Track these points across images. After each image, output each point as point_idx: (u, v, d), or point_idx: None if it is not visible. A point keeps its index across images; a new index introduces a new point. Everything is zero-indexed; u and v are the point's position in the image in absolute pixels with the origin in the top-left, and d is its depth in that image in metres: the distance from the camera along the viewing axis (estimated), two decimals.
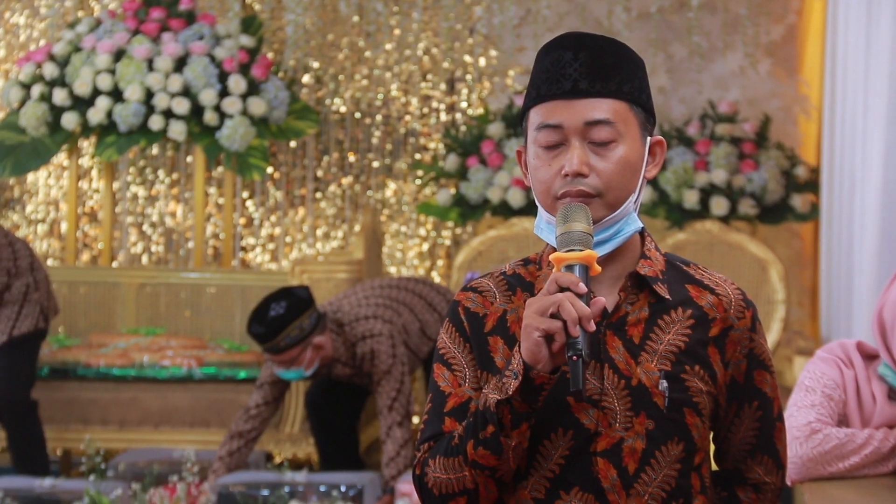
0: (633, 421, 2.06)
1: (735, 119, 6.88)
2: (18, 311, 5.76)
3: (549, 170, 2.08)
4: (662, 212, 6.73)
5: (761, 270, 6.65)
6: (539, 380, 1.98)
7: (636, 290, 2.11)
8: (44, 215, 7.61)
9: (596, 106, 2.07)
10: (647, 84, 2.13)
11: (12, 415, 5.74)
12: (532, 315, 1.96)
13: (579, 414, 2.06)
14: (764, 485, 2.20)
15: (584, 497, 2.06)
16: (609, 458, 2.06)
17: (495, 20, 7.01)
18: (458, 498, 2.09)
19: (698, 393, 2.08)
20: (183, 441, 5.97)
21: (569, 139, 2.07)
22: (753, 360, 2.14)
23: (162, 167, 7.63)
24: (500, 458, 2.04)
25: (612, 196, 2.07)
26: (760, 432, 2.17)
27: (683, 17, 7.11)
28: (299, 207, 7.66)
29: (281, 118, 6.91)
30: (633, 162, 2.08)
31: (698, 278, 2.15)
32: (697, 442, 2.09)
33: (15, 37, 7.56)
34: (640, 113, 2.10)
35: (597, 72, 2.08)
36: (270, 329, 5.06)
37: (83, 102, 6.71)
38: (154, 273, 7.00)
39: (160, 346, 6.34)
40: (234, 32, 6.94)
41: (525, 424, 2.02)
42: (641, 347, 2.08)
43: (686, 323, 2.10)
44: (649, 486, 2.06)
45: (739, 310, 2.13)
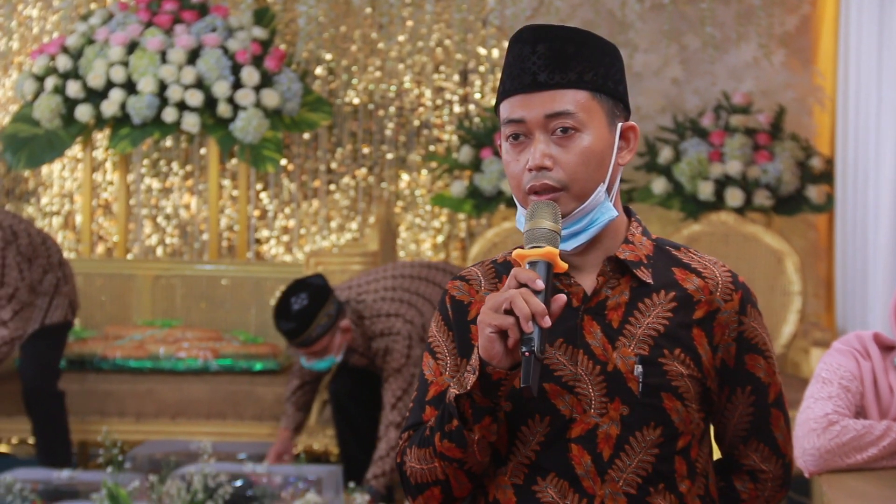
0: (607, 407, 2.06)
1: (749, 110, 6.87)
2: (49, 301, 5.82)
3: (517, 165, 2.08)
4: (677, 203, 6.72)
5: (777, 262, 6.64)
6: (496, 375, 1.99)
7: (618, 274, 2.11)
8: (58, 208, 7.63)
9: (556, 98, 2.07)
10: (616, 70, 2.11)
11: (39, 403, 5.78)
12: (486, 311, 1.96)
13: (556, 400, 2.07)
14: (761, 473, 2.18)
15: (560, 483, 2.06)
16: (583, 445, 2.06)
17: (508, 11, 7.00)
18: (433, 488, 2.11)
19: (678, 377, 2.07)
20: (199, 433, 5.98)
21: (532, 133, 2.08)
22: (744, 343, 2.13)
23: (176, 159, 7.64)
24: (466, 452, 2.05)
25: (577, 188, 2.07)
26: (754, 418, 2.16)
27: (697, 7, 7.09)
28: (313, 199, 7.66)
29: (294, 110, 6.91)
30: (599, 151, 2.07)
31: (686, 262, 2.14)
32: (679, 426, 2.07)
33: (28, 29, 7.57)
34: (606, 100, 2.09)
35: (555, 63, 2.07)
36: (300, 322, 5.04)
37: (97, 95, 6.72)
38: (169, 265, 7.02)
39: (176, 339, 6.36)
40: (247, 24, 6.94)
41: (488, 419, 2.02)
42: (620, 332, 2.08)
43: (668, 306, 2.09)
44: (624, 471, 2.06)
45: (727, 292, 2.12)
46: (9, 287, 5.56)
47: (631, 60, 7.08)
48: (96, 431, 5.86)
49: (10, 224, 5.68)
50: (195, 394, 6.15)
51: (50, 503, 4.92)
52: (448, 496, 2.11)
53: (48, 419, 5.82)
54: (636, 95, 7.24)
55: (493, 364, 1.97)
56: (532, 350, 1.92)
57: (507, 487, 2.09)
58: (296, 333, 5.05)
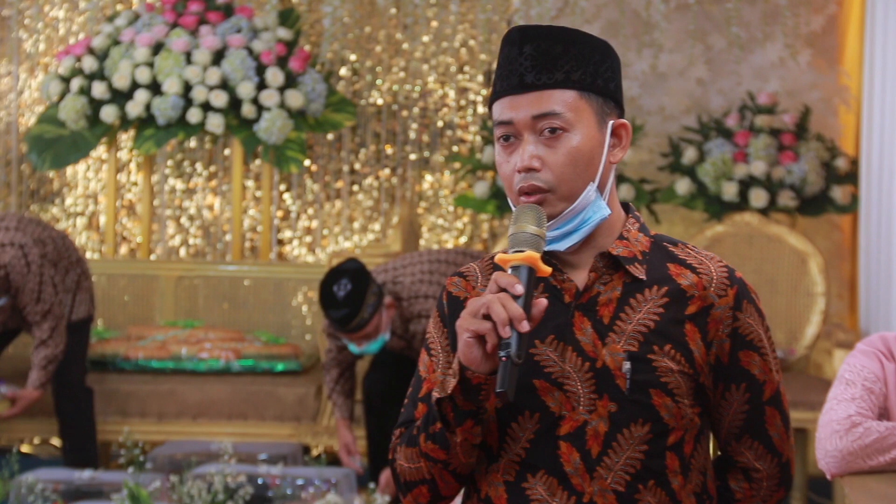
0: (596, 404, 2.05)
1: (774, 110, 6.83)
2: (73, 298, 5.88)
3: (508, 166, 2.08)
4: (701, 204, 6.69)
5: (801, 263, 6.60)
6: (475, 380, 1.99)
7: (611, 270, 2.10)
8: (83, 208, 7.65)
9: (543, 98, 2.06)
10: (606, 68, 2.10)
11: (70, 399, 5.82)
12: (464, 316, 1.96)
13: (545, 397, 2.06)
14: (755, 471, 2.17)
15: (549, 481, 2.06)
16: (572, 442, 2.05)
17: (532, 12, 6.98)
18: (420, 486, 2.12)
19: (667, 373, 2.05)
20: (221, 433, 5.98)
21: (521, 134, 2.08)
22: (738, 339, 2.11)
23: (199, 160, 7.66)
24: (449, 453, 2.06)
25: (565, 188, 2.06)
26: (748, 415, 2.14)
27: (723, 7, 7.06)
28: (336, 200, 7.66)
29: (318, 111, 6.91)
30: (587, 151, 2.07)
31: (682, 257, 2.13)
32: (669, 422, 2.06)
33: (54, 30, 7.60)
34: (595, 99, 2.09)
35: (542, 64, 2.07)
36: (351, 307, 5.03)
37: (122, 96, 6.74)
38: (192, 266, 7.03)
39: (198, 339, 6.37)
40: (272, 25, 6.95)
41: (470, 422, 2.02)
42: (610, 328, 2.07)
43: (659, 301, 2.08)
44: (612, 468, 2.05)
45: (721, 287, 2.10)
46: (45, 304, 5.61)
47: (656, 60, 7.05)
48: (118, 432, 5.87)
49: (39, 235, 5.71)
50: (217, 394, 6.15)
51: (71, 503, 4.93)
52: (436, 495, 2.12)
53: (77, 415, 5.85)
54: (661, 95, 7.22)
55: (472, 369, 1.98)
56: (509, 355, 1.91)
57: (499, 484, 2.09)
58: (349, 318, 5.04)
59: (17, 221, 5.66)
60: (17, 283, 5.52)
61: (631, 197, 6.68)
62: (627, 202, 2.20)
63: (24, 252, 5.52)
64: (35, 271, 5.54)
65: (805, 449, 6.29)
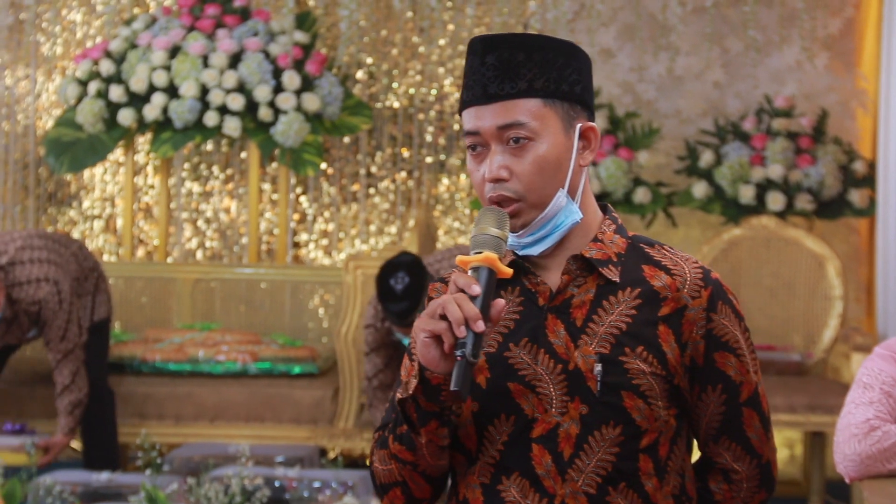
0: (568, 406, 2.06)
1: (792, 114, 6.82)
2: (93, 300, 5.94)
3: (478, 174, 2.10)
4: (718, 207, 6.68)
5: (818, 266, 6.58)
6: (435, 381, 1.99)
7: (585, 272, 2.10)
8: (100, 211, 7.68)
9: (507, 108, 2.07)
10: (571, 71, 2.10)
11: (91, 399, 5.84)
12: (422, 317, 1.97)
13: (520, 399, 2.07)
14: (734, 473, 2.16)
15: (522, 483, 2.06)
16: (544, 444, 2.06)
17: (549, 15, 6.98)
18: (394, 488, 2.13)
19: (639, 375, 2.05)
20: (238, 436, 6.00)
21: (488, 143, 2.09)
22: (713, 341, 2.10)
23: (216, 163, 7.67)
24: (416, 454, 2.07)
25: (534, 197, 2.07)
26: (725, 417, 2.13)
27: (739, 10, 7.05)
28: (352, 203, 7.67)
29: (335, 114, 6.92)
30: (554, 158, 2.07)
31: (657, 259, 2.13)
32: (641, 424, 2.06)
33: (72, 34, 7.62)
34: (560, 105, 2.09)
35: (504, 73, 2.07)
36: (412, 299, 5.03)
37: (139, 99, 6.76)
38: (209, 269, 7.04)
39: (215, 342, 6.38)
40: (289, 28, 6.96)
41: (434, 423, 2.03)
42: (582, 330, 2.07)
43: (632, 303, 2.08)
44: (583, 471, 2.05)
45: (695, 289, 2.09)
46: (68, 343, 5.67)
47: (672, 63, 7.05)
48: (135, 434, 5.88)
49: (66, 258, 5.79)
50: (234, 397, 6.16)
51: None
52: (410, 497, 2.13)
53: (99, 416, 5.88)
54: (677, 99, 7.21)
55: (431, 369, 1.99)
56: (464, 354, 1.92)
57: (475, 487, 2.10)
58: (409, 311, 5.04)
59: (48, 252, 5.72)
60: (47, 318, 5.60)
61: (647, 200, 6.68)
62: (605, 203, 2.20)
63: (58, 289, 5.61)
64: (66, 308, 5.63)
65: (823, 452, 6.28)
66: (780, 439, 6.99)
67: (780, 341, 6.55)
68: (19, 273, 5.57)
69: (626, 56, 7.24)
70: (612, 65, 7.26)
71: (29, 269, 5.59)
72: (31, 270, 5.59)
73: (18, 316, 5.63)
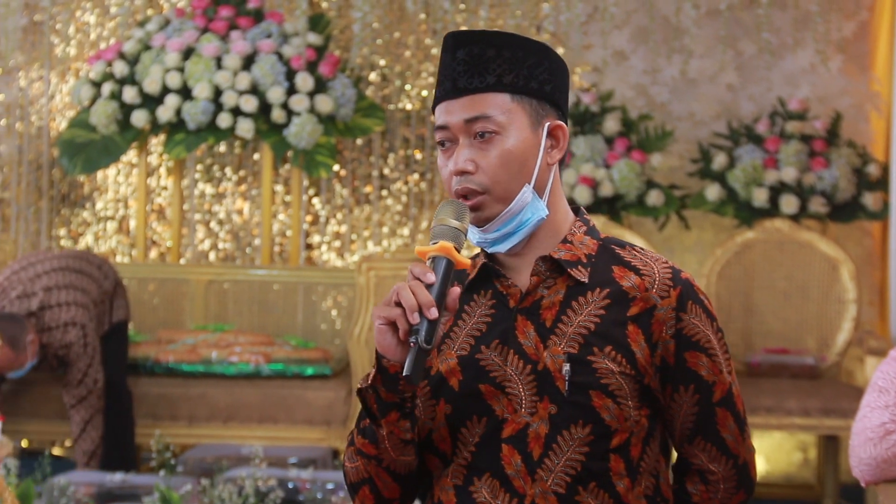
0: (537, 406, 2.07)
1: (805, 116, 6.81)
2: (111, 302, 6.05)
3: (446, 169, 2.12)
4: (731, 210, 6.67)
5: (832, 269, 6.57)
6: (392, 369, 2.02)
7: (555, 274, 2.12)
8: (113, 212, 7.69)
9: (474, 102, 2.10)
10: (543, 70, 2.13)
11: (113, 400, 5.89)
12: (378, 305, 2.00)
13: (491, 401, 2.09)
14: (710, 473, 2.16)
15: (492, 483, 2.08)
16: (514, 445, 2.07)
17: (562, 17, 6.98)
18: (363, 487, 2.15)
19: (608, 374, 2.06)
20: (251, 437, 6.00)
21: (457, 138, 2.11)
22: (683, 340, 2.10)
23: (229, 165, 7.68)
24: (378, 447, 2.08)
25: (500, 190, 2.09)
26: (698, 417, 2.13)
27: (753, 13, 7.04)
28: (365, 205, 7.67)
29: (348, 116, 6.93)
30: (520, 153, 2.09)
31: (627, 260, 2.14)
32: (611, 424, 2.06)
33: (86, 35, 7.64)
34: (528, 101, 2.11)
35: (474, 68, 2.10)
36: None
37: (153, 100, 6.77)
38: (222, 270, 7.05)
39: (228, 343, 6.38)
40: (302, 30, 6.97)
41: (395, 414, 2.05)
42: (552, 331, 2.08)
43: (601, 303, 2.09)
44: (553, 470, 2.06)
45: (664, 289, 2.10)
46: (84, 388, 5.79)
47: (686, 66, 7.04)
48: (149, 435, 5.89)
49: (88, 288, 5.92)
50: (247, 398, 6.17)
51: None
52: (379, 497, 2.14)
53: (117, 416, 5.92)
54: (691, 101, 7.20)
55: (388, 357, 2.01)
56: (417, 341, 1.95)
57: (449, 489, 2.11)
58: None
59: (73, 291, 5.84)
60: (71, 361, 5.77)
61: (660, 203, 6.67)
62: (578, 206, 2.21)
63: (84, 332, 5.77)
64: (89, 353, 5.78)
65: (837, 456, 6.27)
66: (793, 443, 6.98)
67: (794, 345, 6.54)
68: (49, 319, 5.76)
69: (639, 58, 7.24)
70: (625, 67, 7.25)
71: (58, 313, 5.78)
72: (59, 315, 5.78)
73: (48, 359, 5.81)
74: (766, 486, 6.88)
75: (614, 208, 6.72)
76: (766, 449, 6.99)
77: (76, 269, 5.94)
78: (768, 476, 6.98)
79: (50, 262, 5.94)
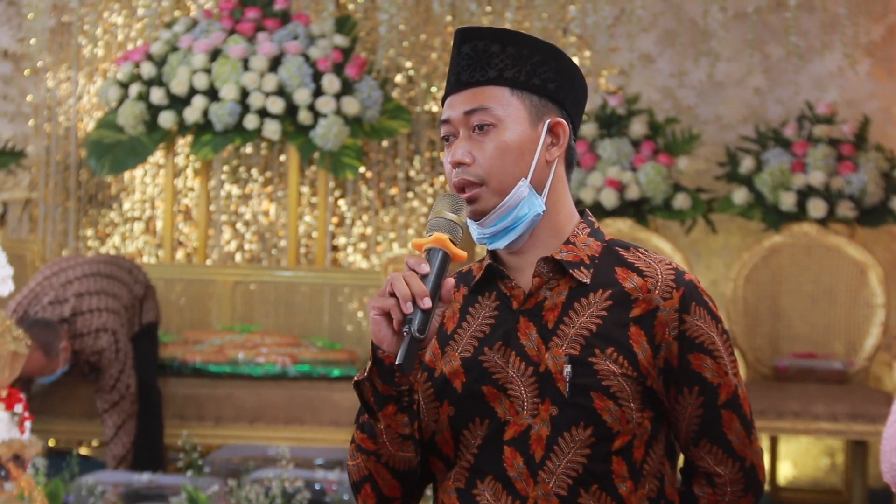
0: (538, 408, 2.06)
1: (833, 120, 6.78)
2: (141, 304, 6.10)
3: (448, 164, 2.13)
4: (758, 214, 6.65)
5: (860, 274, 6.55)
6: (388, 360, 2.01)
7: (557, 275, 2.12)
8: (140, 213, 7.71)
9: (475, 95, 2.11)
10: (547, 69, 2.13)
11: (144, 400, 5.92)
12: (374, 296, 2.00)
13: (494, 403, 2.08)
14: (717, 476, 2.14)
15: (494, 486, 2.07)
16: (516, 447, 2.06)
17: (589, 20, 6.97)
18: (365, 485, 2.14)
19: (610, 376, 2.05)
20: (277, 438, 6.01)
21: (458, 132, 2.12)
22: (687, 342, 2.09)
23: (255, 166, 7.69)
24: (377, 442, 2.08)
25: (495, 182, 2.09)
26: (703, 419, 2.12)
27: (781, 16, 7.02)
28: (391, 207, 7.68)
29: (374, 118, 6.93)
30: (516, 146, 2.10)
31: (630, 261, 2.13)
32: (613, 426, 2.05)
33: (113, 37, 7.66)
34: (529, 97, 2.12)
35: (476, 62, 2.12)
36: None
37: (180, 101, 6.79)
38: (248, 271, 7.06)
39: (255, 344, 6.39)
40: (329, 32, 6.97)
41: (392, 407, 2.05)
42: (554, 332, 2.08)
43: (603, 305, 2.08)
44: (554, 472, 2.05)
45: (667, 290, 2.09)
46: (117, 394, 5.84)
47: (713, 69, 7.02)
48: (176, 435, 5.90)
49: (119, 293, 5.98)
50: (273, 399, 6.18)
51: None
52: (380, 495, 2.14)
53: (147, 416, 5.94)
54: (718, 104, 7.18)
55: (383, 348, 2.01)
56: (410, 330, 1.95)
57: (452, 492, 2.11)
58: None
59: (105, 297, 5.89)
60: (103, 367, 5.82)
61: (687, 206, 6.65)
62: (583, 208, 2.21)
63: (115, 338, 5.83)
64: (121, 359, 5.84)
65: (864, 461, 6.24)
66: (820, 447, 6.95)
67: (822, 349, 6.51)
68: (80, 325, 5.81)
69: (666, 61, 7.22)
70: (652, 70, 7.24)
71: (89, 319, 5.82)
72: (91, 321, 5.83)
73: (80, 365, 5.86)
74: (793, 490, 6.85)
75: (641, 212, 6.71)
76: (792, 454, 6.97)
77: (107, 275, 5.97)
78: (795, 481, 6.95)
79: (81, 267, 5.98)
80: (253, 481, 4.95)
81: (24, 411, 3.86)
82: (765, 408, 6.01)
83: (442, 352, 2.14)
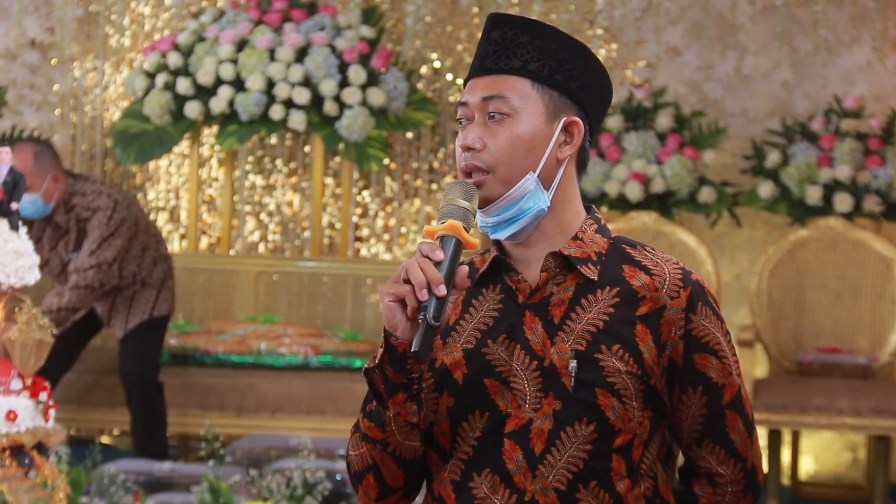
0: (541, 402, 2.06)
1: (861, 114, 6.74)
2: (157, 294, 6.01)
3: (459, 147, 2.13)
4: (784, 208, 6.62)
5: (886, 269, 6.51)
6: (401, 347, 2.00)
7: (565, 270, 2.11)
8: (165, 203, 7.73)
9: (495, 82, 2.10)
10: (573, 67, 2.12)
11: (141, 395, 5.90)
12: (387, 282, 1.99)
13: (495, 396, 2.08)
14: (718, 476, 2.14)
15: (492, 478, 2.07)
16: (516, 440, 2.06)
17: (616, 13, 6.95)
18: (367, 475, 2.13)
19: (614, 373, 2.05)
20: (299, 428, 6.02)
21: (473, 116, 2.11)
22: (692, 342, 2.09)
23: (280, 157, 7.70)
24: (385, 430, 2.07)
25: (503, 171, 2.08)
26: (706, 419, 2.12)
27: (810, 10, 6.97)
28: (415, 198, 7.67)
29: (400, 109, 6.92)
30: (529, 139, 2.08)
31: (638, 259, 2.13)
32: (615, 423, 2.05)
33: (140, 26, 7.68)
34: (549, 92, 2.10)
35: (503, 50, 2.11)
36: None
37: (206, 92, 6.80)
38: (272, 262, 7.07)
39: (277, 334, 6.40)
40: (355, 23, 6.97)
41: (402, 395, 2.03)
42: (560, 327, 2.07)
43: (610, 302, 2.08)
44: (554, 466, 2.05)
45: (674, 289, 2.09)
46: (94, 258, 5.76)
47: (741, 63, 6.98)
48: (197, 425, 5.92)
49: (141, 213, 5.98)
50: (295, 389, 6.18)
51: (151, 494, 4.98)
52: (383, 485, 2.13)
53: (149, 410, 5.91)
54: (744, 98, 7.15)
55: (397, 335, 1.99)
56: (426, 317, 1.94)
57: (448, 483, 2.10)
58: None
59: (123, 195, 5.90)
60: (90, 228, 5.77)
61: (712, 200, 6.62)
62: (591, 204, 2.20)
63: (115, 207, 5.79)
64: (111, 229, 5.76)
65: (887, 456, 6.21)
66: (843, 442, 6.92)
67: (846, 344, 6.48)
68: (85, 187, 5.81)
69: (693, 54, 7.19)
70: (679, 63, 7.21)
71: (95, 187, 5.83)
72: (96, 188, 5.82)
73: (69, 226, 5.78)
74: (815, 485, 6.82)
75: (665, 205, 6.68)
76: (815, 448, 6.94)
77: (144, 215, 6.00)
78: (817, 476, 6.93)
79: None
80: (274, 471, 4.95)
81: (48, 399, 3.87)
82: (788, 402, 5.99)
83: (443, 342, 2.13)
